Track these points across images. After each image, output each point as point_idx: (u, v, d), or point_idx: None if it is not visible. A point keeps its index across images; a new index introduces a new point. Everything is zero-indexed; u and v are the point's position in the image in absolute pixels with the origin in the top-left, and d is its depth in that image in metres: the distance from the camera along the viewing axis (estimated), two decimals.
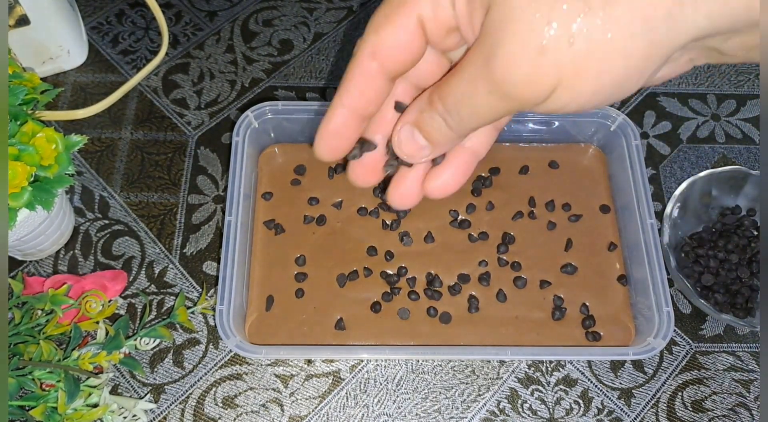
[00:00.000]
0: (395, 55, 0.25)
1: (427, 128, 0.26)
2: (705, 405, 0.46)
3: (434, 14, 0.23)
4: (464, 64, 0.23)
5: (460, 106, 0.24)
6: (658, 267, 0.44)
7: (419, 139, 0.27)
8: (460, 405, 0.45)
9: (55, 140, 0.40)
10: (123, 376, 0.46)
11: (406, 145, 0.28)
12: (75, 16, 0.57)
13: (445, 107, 0.25)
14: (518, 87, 0.21)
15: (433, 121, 0.26)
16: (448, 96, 0.24)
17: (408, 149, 0.28)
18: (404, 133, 0.27)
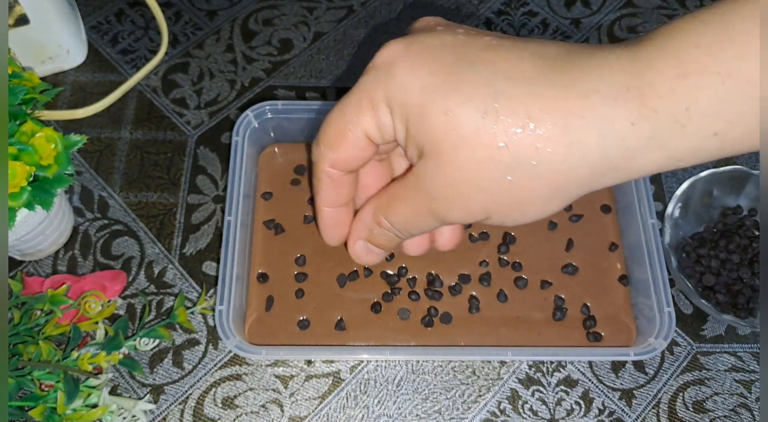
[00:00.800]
0: (351, 163, 0.29)
1: (380, 242, 0.32)
2: (706, 405, 0.46)
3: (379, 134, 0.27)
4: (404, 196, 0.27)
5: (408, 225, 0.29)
6: (659, 268, 0.43)
7: (374, 249, 0.33)
8: (460, 406, 0.45)
9: (55, 140, 0.40)
10: (122, 377, 0.46)
11: (364, 257, 0.34)
12: (74, 16, 0.57)
13: (393, 226, 0.29)
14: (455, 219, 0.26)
15: (384, 236, 0.31)
16: (396, 220, 0.29)
17: (367, 259, 0.34)
18: (360, 249, 0.33)
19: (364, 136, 0.27)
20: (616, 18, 0.61)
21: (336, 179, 0.30)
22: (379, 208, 0.29)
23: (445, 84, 0.24)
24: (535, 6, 0.62)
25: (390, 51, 0.27)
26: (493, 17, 0.61)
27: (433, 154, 0.24)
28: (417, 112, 0.24)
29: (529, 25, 0.61)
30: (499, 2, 0.62)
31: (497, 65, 0.24)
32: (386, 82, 0.26)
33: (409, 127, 0.25)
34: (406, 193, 0.27)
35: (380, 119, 0.26)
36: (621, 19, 0.61)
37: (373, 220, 0.30)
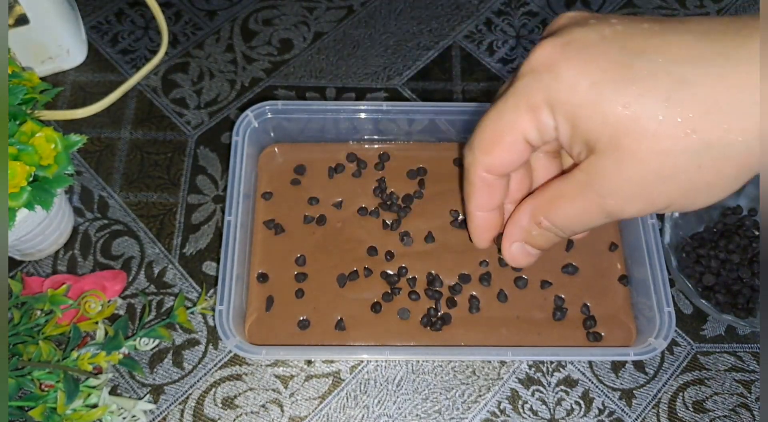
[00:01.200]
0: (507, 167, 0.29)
1: (538, 242, 0.31)
2: (706, 405, 0.46)
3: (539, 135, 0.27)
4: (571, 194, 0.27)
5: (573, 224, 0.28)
6: (659, 268, 0.43)
7: (531, 250, 0.32)
8: (460, 406, 0.45)
9: (55, 140, 0.40)
10: (122, 377, 0.46)
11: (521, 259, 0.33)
12: (74, 16, 0.57)
13: (554, 225, 0.29)
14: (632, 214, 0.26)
15: (543, 237, 0.30)
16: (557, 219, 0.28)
17: (523, 261, 0.33)
18: (516, 251, 0.33)
19: (522, 140, 0.27)
20: None
21: (490, 183, 0.30)
22: (539, 209, 0.29)
23: (618, 77, 0.23)
24: (535, 6, 0.62)
25: (546, 51, 0.26)
26: (493, 17, 0.61)
27: (609, 150, 0.24)
28: (588, 108, 0.24)
29: (529, 25, 0.61)
30: (499, 2, 0.62)
31: (670, 51, 0.23)
32: (548, 83, 0.25)
33: (577, 124, 0.24)
34: (573, 191, 0.26)
35: (541, 121, 0.26)
36: None
37: (531, 222, 0.30)
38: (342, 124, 0.50)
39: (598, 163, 0.25)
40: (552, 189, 0.28)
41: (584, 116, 0.24)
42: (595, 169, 0.25)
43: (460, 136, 0.51)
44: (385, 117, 0.49)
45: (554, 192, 0.28)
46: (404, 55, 0.59)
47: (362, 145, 0.52)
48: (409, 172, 0.51)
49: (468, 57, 0.59)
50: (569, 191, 0.27)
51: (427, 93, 0.57)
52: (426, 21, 0.61)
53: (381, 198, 0.50)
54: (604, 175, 0.25)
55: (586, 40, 0.25)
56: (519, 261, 0.33)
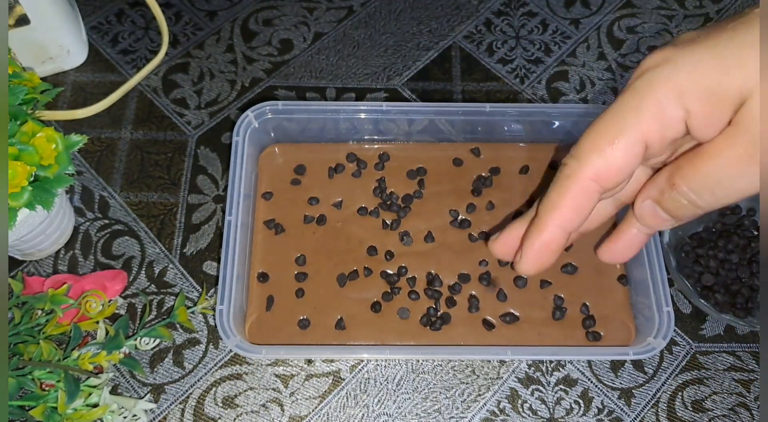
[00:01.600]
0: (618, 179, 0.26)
1: (669, 206, 0.27)
2: (705, 405, 0.46)
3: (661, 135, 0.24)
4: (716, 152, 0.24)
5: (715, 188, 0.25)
6: (658, 267, 0.44)
7: (661, 213, 0.28)
8: (460, 405, 0.45)
9: (55, 140, 0.40)
10: (123, 376, 0.46)
11: (650, 218, 0.29)
12: (75, 16, 0.57)
13: (691, 189, 0.26)
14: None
15: (676, 200, 0.27)
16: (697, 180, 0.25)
17: (652, 222, 0.29)
18: (647, 209, 0.28)
19: (642, 140, 0.25)
20: (616, 18, 0.61)
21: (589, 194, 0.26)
22: (677, 169, 0.26)
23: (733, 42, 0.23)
24: (535, 6, 0.62)
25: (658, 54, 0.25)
26: (493, 17, 0.61)
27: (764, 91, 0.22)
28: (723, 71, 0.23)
29: (529, 26, 0.61)
30: (499, 2, 0.62)
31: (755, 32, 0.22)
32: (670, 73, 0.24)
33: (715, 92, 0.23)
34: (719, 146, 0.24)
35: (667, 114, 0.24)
36: (620, 20, 0.61)
37: (667, 182, 0.26)
38: (342, 124, 0.50)
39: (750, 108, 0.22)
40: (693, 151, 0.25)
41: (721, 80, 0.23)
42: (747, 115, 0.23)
43: (460, 136, 0.52)
44: (385, 117, 0.49)
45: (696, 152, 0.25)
46: (404, 56, 0.59)
47: (362, 145, 0.52)
48: (409, 172, 0.51)
49: (468, 57, 0.59)
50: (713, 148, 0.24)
51: (427, 93, 0.57)
52: (426, 21, 0.61)
53: (381, 198, 0.50)
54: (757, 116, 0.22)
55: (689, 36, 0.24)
56: (646, 219, 0.29)
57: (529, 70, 0.58)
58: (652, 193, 0.28)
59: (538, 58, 0.59)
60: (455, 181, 0.51)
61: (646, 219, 0.29)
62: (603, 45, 0.60)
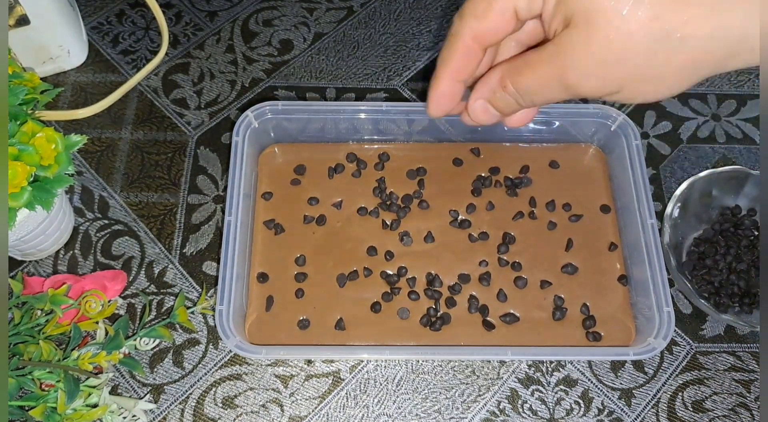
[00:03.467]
0: (493, 37, 0.30)
1: (499, 105, 0.32)
2: (705, 405, 0.46)
3: (527, 10, 0.28)
4: (538, 64, 0.29)
5: (532, 93, 0.30)
6: (658, 268, 0.44)
7: (491, 110, 0.33)
8: (460, 406, 0.45)
9: (55, 140, 0.40)
10: (123, 376, 0.46)
11: (481, 116, 0.34)
12: (75, 16, 0.57)
13: (518, 91, 0.30)
14: (587, 92, 0.28)
15: (505, 101, 0.32)
16: (522, 85, 0.30)
17: (481, 119, 0.34)
18: (479, 107, 0.33)
19: (512, 9, 0.29)
20: None
21: (472, 52, 0.31)
22: (509, 72, 0.30)
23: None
24: None
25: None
26: None
27: (582, 24, 0.26)
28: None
29: None
30: None
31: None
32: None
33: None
34: (540, 60, 0.28)
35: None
36: None
37: (499, 84, 0.31)
38: (342, 125, 0.50)
39: (570, 36, 0.27)
40: (523, 57, 0.30)
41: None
42: (566, 41, 0.27)
43: (460, 136, 0.52)
44: (384, 117, 0.49)
45: (525, 59, 0.30)
46: (404, 56, 0.59)
47: (362, 145, 0.52)
48: (409, 172, 0.51)
49: None
50: (537, 60, 0.29)
51: (427, 93, 0.57)
52: (426, 22, 0.61)
53: (381, 198, 0.50)
54: (572, 47, 0.27)
55: None
56: (479, 117, 0.34)
57: None
58: (485, 93, 0.32)
59: None
60: (455, 181, 0.51)
61: (478, 116, 0.34)
62: None
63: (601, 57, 0.26)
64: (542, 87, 0.29)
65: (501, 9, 0.29)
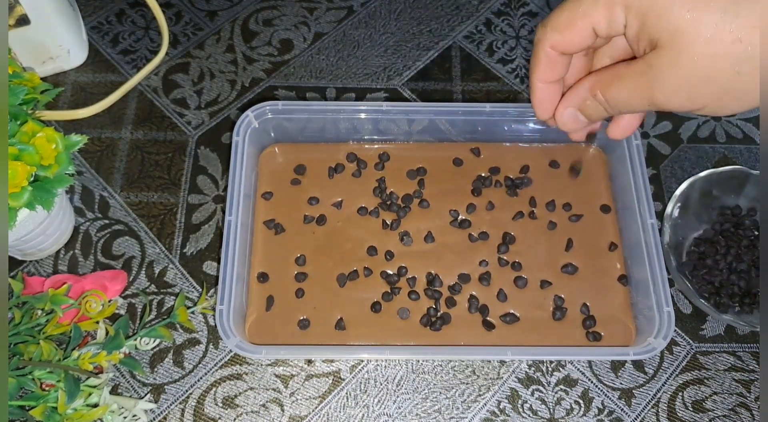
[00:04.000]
0: (572, 49, 0.33)
1: (588, 111, 0.35)
2: (705, 405, 0.46)
3: (607, 28, 0.31)
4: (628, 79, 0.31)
5: (620, 104, 0.33)
6: (658, 267, 0.44)
7: (580, 117, 0.36)
8: (460, 405, 0.45)
9: (55, 140, 0.40)
10: (123, 376, 0.46)
11: (570, 122, 0.36)
12: (75, 16, 0.57)
13: (607, 100, 0.33)
14: (672, 108, 0.30)
15: (594, 108, 0.34)
16: (610, 95, 0.33)
17: (571, 125, 0.36)
18: (568, 114, 0.36)
19: (591, 28, 0.31)
20: None
21: (553, 58, 0.34)
22: (599, 82, 0.33)
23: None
24: (535, 6, 0.62)
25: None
26: (493, 17, 0.61)
27: (669, 46, 0.28)
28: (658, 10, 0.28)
29: (529, 26, 0.61)
30: (499, 2, 0.62)
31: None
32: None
33: (645, 22, 0.29)
34: (630, 75, 0.31)
35: (613, 16, 0.30)
36: None
37: (589, 92, 0.34)
38: (342, 124, 0.50)
39: (658, 57, 0.29)
40: (614, 69, 0.32)
41: (652, 17, 0.28)
42: (654, 61, 0.29)
43: (460, 136, 0.51)
44: (385, 117, 0.49)
45: (615, 72, 0.32)
46: (404, 56, 0.59)
47: (362, 145, 0.52)
48: (409, 172, 0.51)
49: (468, 57, 0.59)
50: (627, 74, 0.31)
51: (427, 93, 0.57)
52: (426, 21, 0.61)
53: (381, 198, 0.50)
54: (660, 66, 0.29)
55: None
56: (567, 123, 0.36)
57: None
58: (574, 101, 0.35)
59: None
60: (455, 181, 0.51)
61: (566, 122, 0.36)
62: None
63: (688, 77, 0.28)
64: (630, 99, 0.31)
65: (581, 27, 0.31)
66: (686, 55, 0.28)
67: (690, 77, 0.28)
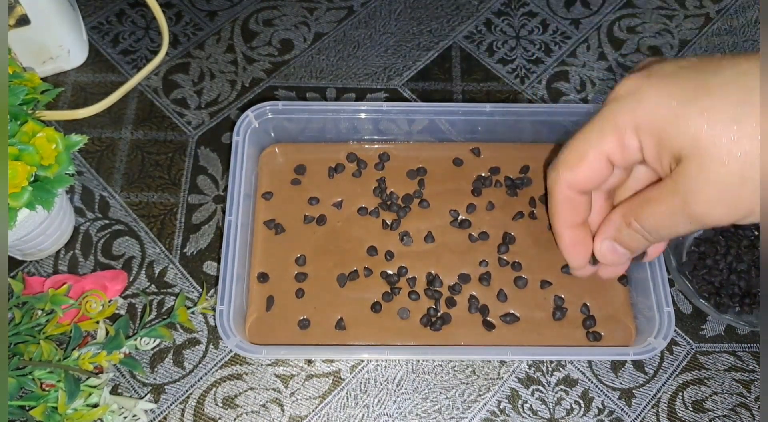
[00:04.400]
0: (589, 185, 0.31)
1: (626, 242, 0.33)
2: (706, 405, 0.46)
3: (621, 156, 0.29)
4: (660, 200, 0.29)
5: (659, 228, 0.30)
6: (658, 267, 0.43)
7: (619, 249, 0.34)
8: (460, 406, 0.45)
9: (56, 140, 0.40)
10: (123, 376, 0.46)
11: (609, 256, 0.35)
12: (75, 16, 0.57)
13: (644, 228, 0.31)
14: (716, 221, 0.27)
15: (632, 237, 0.32)
16: (647, 222, 0.30)
17: (611, 258, 0.35)
18: (606, 247, 0.34)
19: (605, 158, 0.30)
20: (616, 18, 0.61)
21: (572, 199, 0.32)
22: (631, 210, 0.31)
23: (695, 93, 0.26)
24: (535, 6, 0.62)
25: (630, 81, 0.29)
26: (493, 17, 0.61)
27: (693, 155, 0.26)
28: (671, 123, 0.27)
29: (529, 26, 0.61)
30: (499, 2, 0.62)
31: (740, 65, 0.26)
32: (634, 106, 0.28)
33: (662, 138, 0.27)
34: (662, 195, 0.29)
35: (625, 142, 0.29)
36: (620, 20, 0.61)
37: (623, 221, 0.32)
38: (342, 124, 0.50)
39: (685, 169, 0.27)
40: (644, 194, 0.31)
41: (668, 130, 0.27)
42: (682, 174, 0.27)
43: (460, 136, 0.51)
44: (385, 117, 0.49)
45: (645, 196, 0.30)
46: (404, 56, 0.59)
47: (362, 145, 0.52)
48: (409, 172, 0.51)
49: (468, 57, 0.59)
50: (657, 196, 0.29)
51: (427, 93, 0.57)
52: (426, 21, 0.61)
53: (381, 198, 0.50)
54: (689, 178, 0.27)
55: (665, 70, 0.28)
56: (606, 257, 0.35)
57: (530, 70, 0.58)
58: (609, 233, 0.33)
59: (538, 58, 0.59)
60: (455, 181, 0.51)
61: (606, 256, 0.35)
62: (603, 45, 0.60)
63: (723, 182, 0.26)
64: (667, 221, 0.29)
65: (593, 159, 0.30)
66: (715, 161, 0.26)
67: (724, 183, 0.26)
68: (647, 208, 0.30)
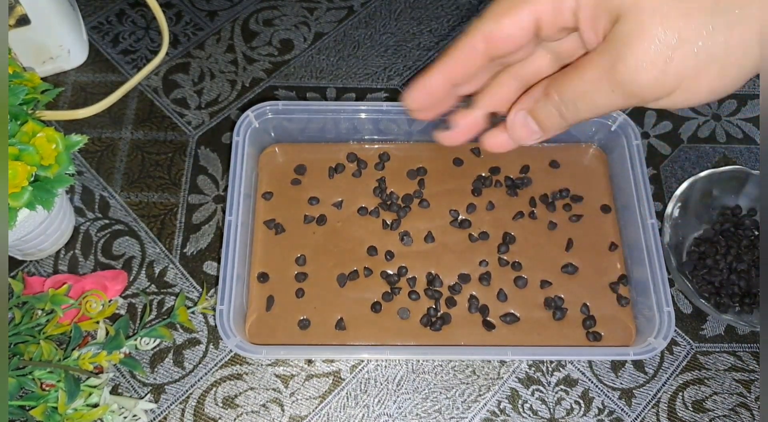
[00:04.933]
0: (503, 44, 0.28)
1: (540, 116, 0.29)
2: (706, 405, 0.46)
3: (553, 18, 0.26)
4: (586, 65, 0.26)
5: (578, 100, 0.27)
6: (658, 268, 0.43)
7: (532, 125, 0.30)
8: (460, 405, 0.45)
9: (56, 140, 0.40)
10: (123, 376, 0.46)
11: (519, 129, 0.31)
12: (75, 16, 0.57)
13: (561, 100, 0.28)
14: (642, 89, 0.25)
15: (547, 110, 0.29)
16: (567, 90, 0.27)
17: (521, 133, 0.31)
18: (519, 119, 0.30)
19: (533, 19, 0.27)
20: None
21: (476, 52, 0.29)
22: (554, 80, 0.28)
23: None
24: None
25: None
26: None
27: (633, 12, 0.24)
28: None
29: None
30: None
31: None
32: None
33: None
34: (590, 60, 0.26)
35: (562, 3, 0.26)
36: None
37: (542, 92, 0.29)
38: (342, 124, 0.50)
39: (619, 28, 0.24)
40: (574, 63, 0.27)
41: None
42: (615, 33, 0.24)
43: None
44: (385, 117, 0.49)
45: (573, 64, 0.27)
46: (404, 56, 0.59)
47: (362, 145, 0.52)
48: (409, 172, 0.51)
49: None
50: (585, 62, 0.26)
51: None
52: (426, 21, 0.61)
53: (381, 198, 0.50)
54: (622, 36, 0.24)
55: None
56: (516, 129, 0.31)
57: None
58: (526, 104, 0.30)
59: None
60: (455, 181, 0.51)
61: (516, 129, 0.31)
62: None
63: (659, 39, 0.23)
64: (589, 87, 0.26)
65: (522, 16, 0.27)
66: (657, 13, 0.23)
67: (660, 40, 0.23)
68: (571, 74, 0.27)
